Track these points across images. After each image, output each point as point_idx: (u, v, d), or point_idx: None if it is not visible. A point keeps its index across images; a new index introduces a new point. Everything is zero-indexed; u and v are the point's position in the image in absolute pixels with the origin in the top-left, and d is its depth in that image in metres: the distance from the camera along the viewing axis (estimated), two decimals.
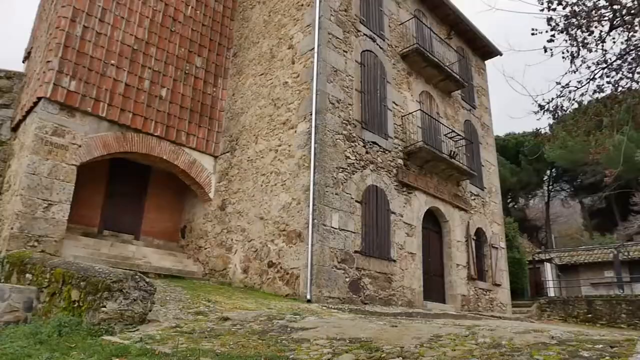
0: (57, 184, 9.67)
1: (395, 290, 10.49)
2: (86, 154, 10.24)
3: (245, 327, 5.38)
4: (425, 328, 4.75)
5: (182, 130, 11.87)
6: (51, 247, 9.33)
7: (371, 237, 10.22)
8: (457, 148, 13.18)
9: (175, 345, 4.50)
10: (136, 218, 12.30)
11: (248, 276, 10.31)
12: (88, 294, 5.75)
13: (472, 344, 3.90)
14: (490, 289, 13.77)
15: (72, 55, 10.28)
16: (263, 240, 10.24)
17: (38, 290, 6.93)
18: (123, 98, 10.93)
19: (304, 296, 8.80)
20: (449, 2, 14.49)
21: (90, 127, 10.39)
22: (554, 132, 10.98)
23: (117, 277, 5.58)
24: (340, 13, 11.21)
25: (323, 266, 9.01)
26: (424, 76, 13.37)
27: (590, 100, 10.06)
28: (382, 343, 4.14)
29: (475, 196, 14.23)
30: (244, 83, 12.47)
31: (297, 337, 4.68)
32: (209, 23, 13.18)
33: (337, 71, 10.66)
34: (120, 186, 12.18)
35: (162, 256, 11.63)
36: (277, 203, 10.16)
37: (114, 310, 5.44)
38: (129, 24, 11.45)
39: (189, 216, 12.88)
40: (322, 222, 9.23)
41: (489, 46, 16.36)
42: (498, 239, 14.74)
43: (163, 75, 11.83)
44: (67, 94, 10.04)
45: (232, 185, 11.64)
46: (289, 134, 10.47)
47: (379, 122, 11.36)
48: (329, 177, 9.65)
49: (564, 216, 47.66)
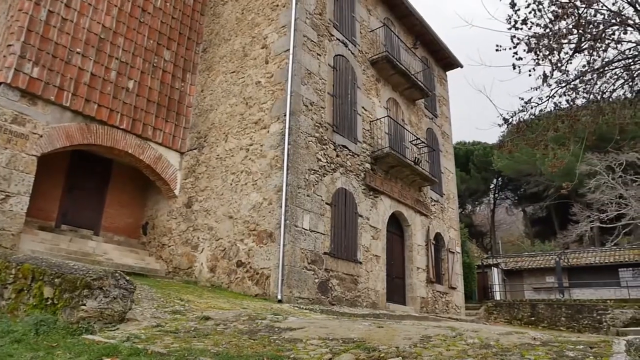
0: (15, 175, 9.19)
1: (361, 291, 10.71)
2: (48, 145, 9.79)
3: (230, 327, 5.37)
4: (412, 329, 4.94)
5: (148, 124, 11.57)
6: (8, 241, 8.86)
7: (339, 239, 10.39)
8: (420, 155, 13.61)
9: (166, 345, 4.44)
10: (96, 213, 11.85)
11: (215, 275, 10.20)
12: (64, 291, 5.54)
13: (462, 344, 4.11)
14: (447, 292, 14.29)
15: (35, 41, 9.80)
16: (232, 239, 10.16)
17: (1, 286, 6.59)
18: (88, 88, 10.54)
19: (274, 296, 8.82)
20: (416, 13, 14.94)
21: (52, 116, 9.94)
22: (504, 144, 11.51)
23: (98, 275, 5.42)
24: (315, 16, 11.32)
25: (294, 267, 9.08)
26: (391, 83, 13.72)
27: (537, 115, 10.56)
28: (376, 343, 4.27)
29: (435, 202, 14.73)
30: (213, 80, 12.32)
31: (288, 337, 4.73)
32: (179, 16, 12.92)
33: (311, 74, 10.76)
34: (80, 179, 11.71)
35: (123, 253, 11.29)
36: (248, 202, 10.12)
37: (94, 309, 5.28)
38: (97, 12, 11.05)
39: (151, 212, 12.55)
40: (293, 223, 9.29)
41: (451, 58, 16.98)
42: (454, 244, 15.32)
43: (130, 66, 11.49)
44: (29, 80, 9.56)
45: (199, 182, 11.47)
46: (261, 134, 10.46)
47: (349, 126, 11.55)
48: (301, 178, 9.73)
49: (507, 223, 50.06)
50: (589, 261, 24.41)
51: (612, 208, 25.52)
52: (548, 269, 25.13)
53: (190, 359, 3.93)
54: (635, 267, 23.73)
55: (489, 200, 45.03)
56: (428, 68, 15.85)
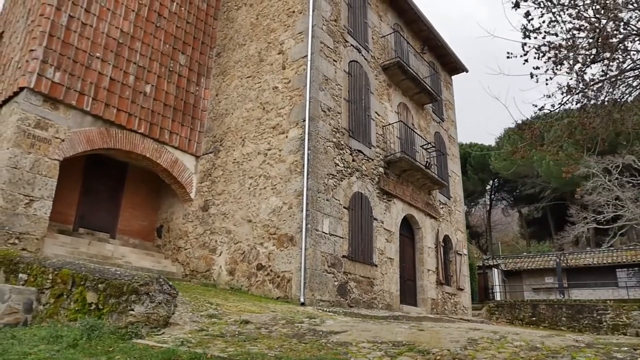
0: (39, 179, 9.28)
1: (377, 293, 10.90)
2: (69, 149, 9.88)
3: (274, 331, 5.53)
4: (454, 332, 5.14)
5: (165, 128, 11.69)
6: (33, 245, 8.96)
7: (357, 243, 10.57)
8: (430, 159, 13.84)
9: (222, 349, 4.60)
10: (112, 216, 11.95)
11: (235, 278, 10.34)
12: (109, 297, 5.67)
13: (511, 346, 4.31)
14: (455, 293, 14.54)
15: (57, 45, 9.89)
16: (251, 242, 10.31)
17: (38, 291, 6.69)
18: (108, 92, 10.64)
19: (296, 299, 8.99)
20: (425, 18, 15.17)
21: (74, 121, 10.03)
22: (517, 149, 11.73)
23: (144, 281, 5.56)
24: (330, 23, 11.49)
25: (315, 270, 9.25)
26: (402, 88, 13.93)
27: (550, 122, 10.77)
28: (425, 346, 4.46)
29: (443, 205, 14.98)
30: (228, 84, 12.45)
31: (336, 340, 4.91)
32: (193, 21, 13.05)
33: (328, 80, 10.93)
34: (96, 183, 11.80)
35: (140, 256, 11.39)
36: (267, 206, 10.27)
37: (141, 314, 5.42)
38: (115, 16, 11.15)
39: (166, 215, 12.66)
40: (314, 227, 9.46)
41: (457, 62, 17.24)
42: (461, 246, 15.58)
43: (147, 71, 11.60)
44: (51, 85, 9.66)
45: (216, 186, 11.60)
46: (279, 139, 10.61)
47: (363, 131, 11.75)
48: (320, 183, 9.90)
49: (502, 224, 50.61)
50: (587, 262, 24.83)
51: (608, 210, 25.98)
52: (547, 269, 25.52)
53: None
54: (632, 267, 24.18)
55: (485, 201, 45.49)
56: (436, 73, 16.10)
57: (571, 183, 32.31)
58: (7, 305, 6.38)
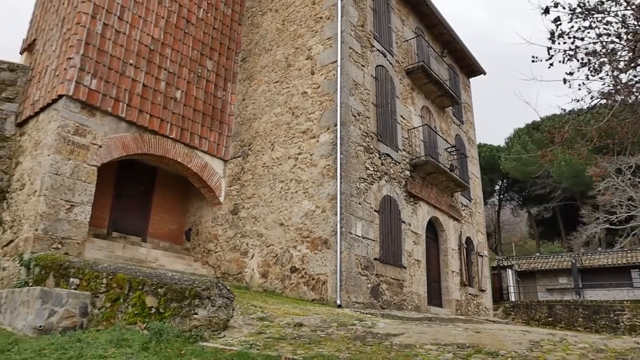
0: (79, 185, 9.46)
1: (406, 295, 11.06)
2: (106, 155, 10.07)
3: (332, 333, 5.69)
4: (512, 334, 5.28)
5: (195, 133, 11.86)
6: (74, 250, 9.13)
7: (387, 245, 10.73)
8: (451, 161, 13.98)
9: (291, 352, 4.75)
10: (143, 220, 12.13)
11: (268, 281, 10.50)
12: (170, 301, 5.84)
13: (576, 348, 4.46)
14: (477, 294, 14.68)
15: (92, 53, 10.07)
16: (284, 245, 10.47)
17: (92, 295, 6.86)
18: (141, 99, 10.82)
19: (332, 301, 9.15)
20: (445, 22, 15.32)
21: (109, 127, 10.21)
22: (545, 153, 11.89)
23: (206, 285, 5.72)
24: (358, 28, 11.65)
25: (350, 273, 9.41)
26: (424, 92, 14.08)
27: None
28: (490, 348, 4.61)
29: (465, 207, 15.12)
30: (255, 89, 12.62)
31: (399, 342, 5.06)
32: (219, 26, 13.22)
33: (357, 85, 11.09)
34: (128, 188, 11.98)
35: (172, 259, 11.57)
36: (299, 210, 10.43)
37: (204, 317, 5.58)
38: (146, 24, 11.33)
39: (194, 219, 12.84)
40: (348, 230, 9.62)
41: (475, 65, 17.39)
42: (482, 247, 15.72)
43: (177, 77, 11.78)
44: (88, 92, 9.83)
45: (245, 190, 11.77)
46: (310, 143, 10.77)
47: (390, 134, 11.90)
48: (353, 187, 10.06)
49: (510, 224, 50.69)
50: (601, 262, 24.92)
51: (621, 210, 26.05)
52: (561, 270, 25.62)
53: None
54: None
55: (494, 201, 45.57)
56: (457, 76, 16.25)
57: (582, 183, 32.42)
58: (64, 309, 6.56)
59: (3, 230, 9.94)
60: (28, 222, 9.03)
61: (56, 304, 6.49)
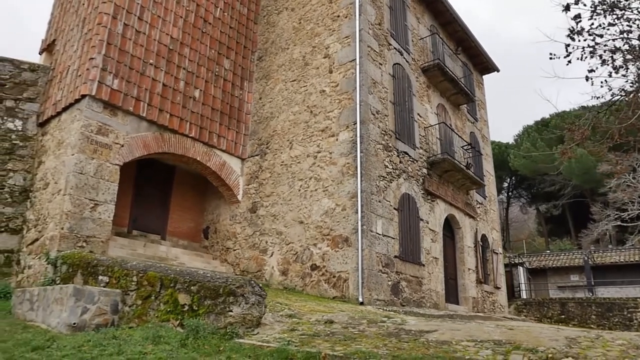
0: (102, 184, 9.56)
1: (425, 292, 11.10)
2: (128, 154, 10.16)
3: (364, 330, 5.74)
4: (545, 331, 5.33)
5: (213, 132, 11.94)
6: (98, 248, 9.24)
7: (406, 243, 10.77)
8: (467, 159, 14.00)
9: (331, 348, 4.81)
10: (161, 218, 12.24)
11: (288, 278, 10.57)
12: (204, 298, 5.91)
13: (614, 345, 4.49)
14: (493, 292, 14.70)
15: (114, 53, 10.17)
16: (304, 243, 10.54)
17: (123, 293, 6.95)
18: (161, 98, 10.91)
19: (354, 298, 9.21)
20: (460, 20, 15.31)
21: (131, 126, 10.31)
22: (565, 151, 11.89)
23: (239, 283, 5.79)
24: (375, 27, 11.68)
25: (372, 270, 9.46)
26: (439, 89, 14.10)
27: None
28: (528, 344, 4.65)
29: (480, 204, 15.13)
30: (272, 88, 12.68)
31: (435, 339, 5.11)
32: (235, 25, 13.28)
33: (376, 83, 11.13)
34: (147, 186, 12.09)
35: (191, 257, 11.66)
36: (319, 208, 10.49)
37: (239, 314, 5.65)
38: (165, 23, 11.41)
39: (212, 217, 12.92)
40: (369, 228, 9.67)
41: (489, 62, 17.37)
42: (497, 245, 15.73)
43: (196, 76, 11.86)
44: (110, 92, 9.92)
45: (264, 188, 11.84)
46: (329, 142, 10.82)
47: (408, 132, 11.93)
48: (373, 185, 10.11)
49: (518, 221, 50.58)
50: (613, 260, 24.84)
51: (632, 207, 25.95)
52: (572, 267, 25.56)
53: None
54: None
55: (502, 198, 45.44)
56: (471, 73, 16.24)
57: (593, 180, 32.32)
58: (96, 306, 6.65)
59: (27, 228, 10.07)
60: (53, 220, 9.13)
61: (88, 301, 6.58)
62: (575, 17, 9.04)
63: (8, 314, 7.48)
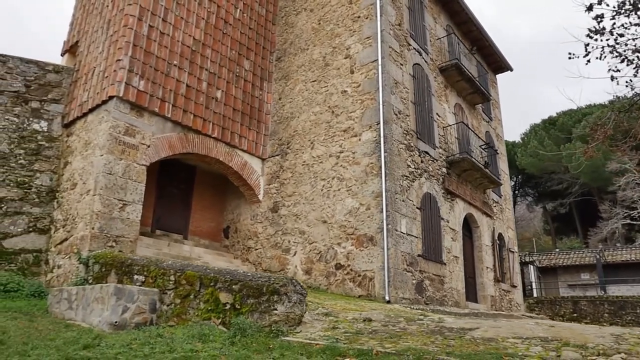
0: (130, 184, 9.66)
1: (447, 291, 11.19)
2: (154, 155, 10.26)
3: (406, 328, 5.83)
4: (589, 329, 5.42)
5: (235, 132, 12.03)
6: (127, 247, 9.34)
7: (428, 242, 10.86)
8: (485, 157, 14.08)
9: (381, 345, 4.90)
10: (184, 218, 12.34)
11: (312, 277, 10.67)
12: (246, 297, 6.00)
13: None
14: (509, 290, 14.79)
15: (140, 55, 10.26)
16: (327, 243, 10.63)
17: (160, 292, 7.05)
18: (185, 99, 11.00)
19: (380, 297, 9.30)
20: (475, 19, 15.38)
21: (157, 127, 10.40)
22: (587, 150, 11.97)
23: (283, 282, 5.89)
24: (396, 27, 11.76)
25: (397, 269, 9.56)
26: (456, 89, 14.17)
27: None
28: (575, 341, 4.73)
29: (496, 203, 15.21)
30: (292, 88, 12.76)
31: (479, 336, 5.20)
32: (255, 26, 13.36)
33: (397, 83, 11.21)
34: (168, 186, 12.19)
35: (213, 256, 11.76)
36: (343, 207, 10.58)
37: (283, 313, 5.75)
38: (188, 25, 11.50)
39: (232, 216, 13.02)
40: (394, 227, 9.76)
41: (502, 62, 17.44)
42: (513, 244, 15.81)
43: (217, 77, 11.94)
44: (137, 93, 10.02)
45: (285, 188, 11.93)
46: (351, 142, 10.91)
47: (428, 132, 12.01)
48: (397, 184, 10.20)
49: (523, 220, 50.61)
50: (624, 258, 24.90)
51: None
52: (583, 265, 25.63)
53: (427, 358, 4.38)
54: None
55: None
56: (487, 73, 16.32)
57: (601, 178, 32.37)
58: (136, 305, 6.74)
59: (55, 228, 10.17)
60: (83, 220, 9.24)
61: (128, 300, 6.68)
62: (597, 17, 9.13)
63: (45, 313, 7.58)
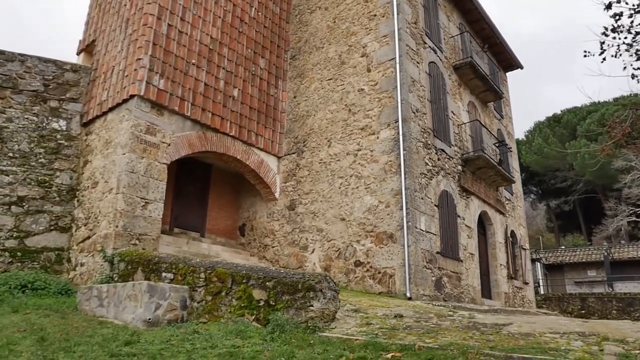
0: (152, 183, 9.73)
1: (463, 288, 11.27)
2: (174, 153, 10.32)
3: (439, 324, 5.91)
4: (622, 324, 5.49)
5: (251, 130, 12.09)
6: (149, 245, 9.41)
7: (446, 239, 10.94)
8: (499, 155, 14.14)
9: (421, 341, 4.97)
10: (201, 216, 12.41)
11: (330, 274, 10.72)
12: (281, 294, 6.07)
13: None
14: (522, 287, 14.88)
15: (159, 53, 10.31)
16: (346, 240, 10.70)
17: (190, 289, 7.12)
18: (203, 97, 11.05)
19: (401, 294, 9.38)
20: (487, 17, 15.43)
21: (176, 126, 10.46)
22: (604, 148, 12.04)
23: (318, 279, 5.96)
24: (412, 26, 11.81)
25: (417, 266, 9.63)
26: (469, 87, 14.23)
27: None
28: (613, 335, 4.82)
29: (508, 200, 15.29)
30: (307, 86, 12.82)
31: (515, 331, 5.28)
32: (269, 25, 13.41)
33: (415, 81, 11.27)
34: (185, 185, 12.25)
35: (231, 254, 11.83)
36: (361, 205, 10.65)
37: (319, 309, 5.82)
38: (205, 24, 11.54)
39: (248, 214, 13.09)
40: (414, 225, 9.84)
41: (513, 59, 17.49)
42: (524, 241, 15.89)
43: (234, 75, 12.00)
44: (157, 92, 10.07)
45: (302, 186, 11.99)
46: (369, 140, 10.97)
47: (443, 130, 12.08)
48: (415, 182, 10.26)
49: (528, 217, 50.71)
50: (631, 255, 25.00)
51: None
52: (589, 263, 25.75)
53: (472, 353, 4.44)
54: None
55: None
56: (500, 70, 16.37)
57: (606, 176, 32.43)
58: (168, 302, 6.81)
59: (77, 227, 10.24)
60: (106, 219, 9.30)
61: (161, 297, 6.75)
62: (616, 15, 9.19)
63: (74, 310, 7.64)
